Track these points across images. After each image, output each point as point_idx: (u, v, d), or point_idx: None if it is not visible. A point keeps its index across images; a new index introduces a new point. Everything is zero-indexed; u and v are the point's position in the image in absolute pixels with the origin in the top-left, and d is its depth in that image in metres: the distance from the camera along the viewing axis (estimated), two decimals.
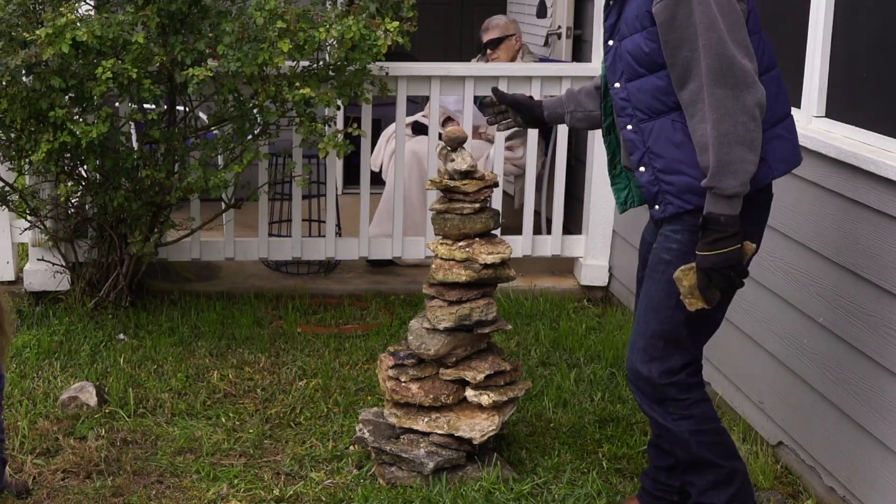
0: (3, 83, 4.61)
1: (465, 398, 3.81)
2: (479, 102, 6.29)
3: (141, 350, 4.88)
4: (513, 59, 6.40)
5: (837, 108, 3.83)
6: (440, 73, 5.55)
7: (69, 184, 4.94)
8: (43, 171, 4.96)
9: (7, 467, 3.70)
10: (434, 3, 10.13)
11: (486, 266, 3.72)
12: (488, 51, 6.41)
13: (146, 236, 5.12)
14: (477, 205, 3.74)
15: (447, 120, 6.32)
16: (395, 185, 5.68)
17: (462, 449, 3.79)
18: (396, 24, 4.75)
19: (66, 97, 4.74)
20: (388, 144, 6.27)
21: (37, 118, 4.73)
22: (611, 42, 3.19)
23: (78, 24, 4.49)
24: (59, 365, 4.69)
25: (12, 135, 4.87)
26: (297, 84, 4.76)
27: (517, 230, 5.80)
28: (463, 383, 3.81)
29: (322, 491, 3.76)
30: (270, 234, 5.80)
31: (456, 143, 3.74)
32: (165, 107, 5.07)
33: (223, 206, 5.32)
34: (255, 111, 4.97)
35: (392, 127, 6.07)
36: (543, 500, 3.73)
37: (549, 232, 6.03)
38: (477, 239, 3.78)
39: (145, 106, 5.01)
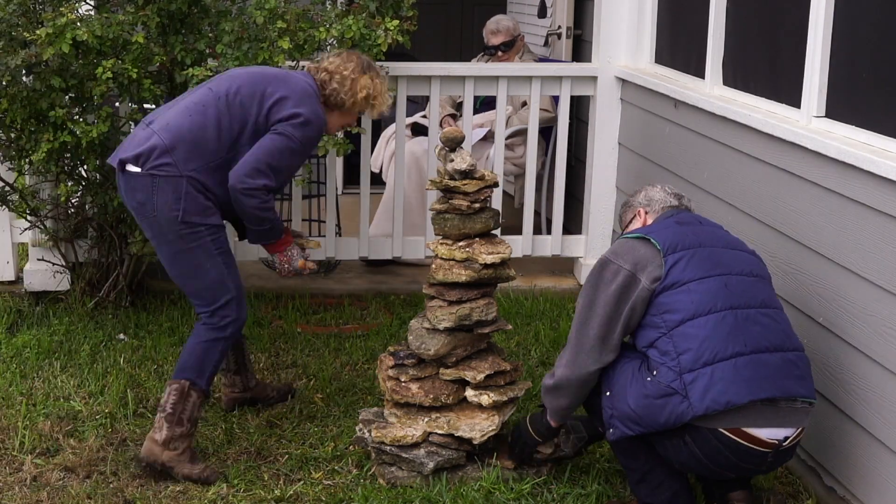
0: (4, 83, 4.61)
1: (465, 398, 3.81)
2: (481, 102, 6.34)
3: (141, 350, 4.88)
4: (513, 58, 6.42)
5: (837, 108, 3.83)
6: (440, 73, 5.55)
7: (69, 184, 4.94)
8: (43, 171, 4.96)
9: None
10: (434, 3, 10.12)
11: (486, 266, 3.72)
12: (499, 53, 6.40)
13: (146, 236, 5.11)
14: (477, 205, 3.74)
15: (446, 117, 6.32)
16: (395, 186, 5.68)
17: (462, 449, 3.79)
18: (396, 22, 4.75)
19: (67, 97, 4.74)
20: (388, 145, 6.27)
21: (37, 118, 4.73)
22: None
23: (78, 23, 4.49)
24: (59, 365, 4.69)
25: (12, 135, 4.87)
26: None
27: (517, 230, 5.80)
28: (463, 383, 3.81)
29: (322, 491, 3.76)
30: None
31: (454, 144, 3.74)
32: None
33: None
34: None
35: (392, 128, 6.07)
36: (543, 500, 3.73)
37: (549, 232, 6.03)
38: (477, 239, 3.78)
39: (145, 106, 5.01)
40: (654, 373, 3.33)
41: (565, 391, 3.57)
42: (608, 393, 3.46)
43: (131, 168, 3.82)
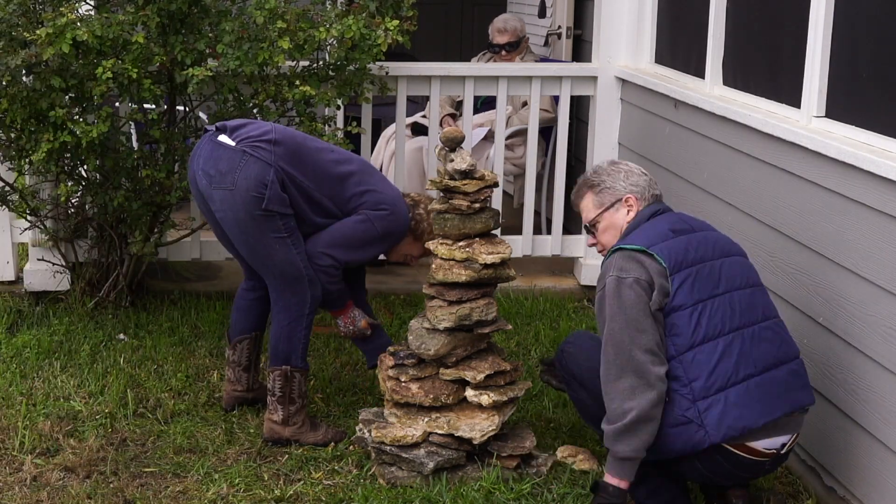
0: (4, 83, 4.61)
1: (465, 398, 3.81)
2: (482, 101, 6.34)
3: (141, 350, 4.88)
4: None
5: (837, 108, 3.83)
6: (440, 73, 5.55)
7: (69, 184, 4.94)
8: (43, 171, 4.96)
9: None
10: (434, 3, 10.13)
11: (486, 266, 3.72)
12: (503, 52, 6.40)
13: (146, 236, 5.12)
14: (477, 205, 3.74)
15: (446, 117, 6.33)
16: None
17: (462, 449, 3.79)
18: (396, 22, 4.75)
19: (67, 97, 4.74)
20: (388, 145, 6.27)
21: (37, 118, 4.73)
22: None
23: (78, 23, 4.49)
24: (59, 365, 4.69)
25: (12, 135, 4.87)
26: (297, 83, 4.77)
27: (517, 230, 5.80)
28: (463, 383, 3.81)
29: (322, 491, 3.76)
30: None
31: (454, 144, 3.74)
32: (165, 107, 5.07)
33: None
34: (255, 111, 4.97)
35: (392, 128, 6.07)
36: (543, 500, 3.73)
37: (549, 232, 6.03)
38: (477, 239, 3.78)
39: (145, 106, 5.01)
40: (667, 400, 3.29)
41: (645, 423, 3.26)
42: None
43: (224, 139, 3.90)
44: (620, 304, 3.33)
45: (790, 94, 4.08)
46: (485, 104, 6.37)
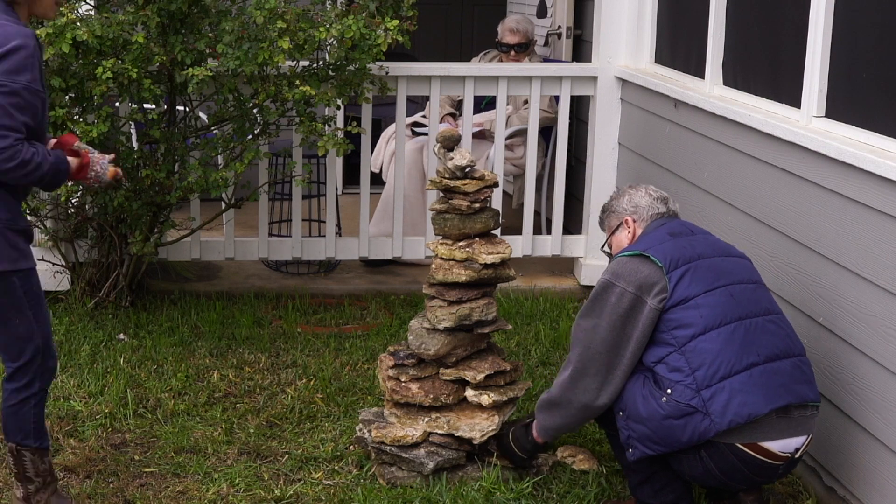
0: None
1: (465, 398, 3.81)
2: (486, 102, 6.33)
3: (141, 350, 4.88)
4: None
5: (837, 108, 3.84)
6: (440, 73, 5.55)
7: (69, 183, 4.94)
8: None
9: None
10: (434, 3, 10.13)
11: (486, 266, 3.72)
12: (512, 52, 6.38)
13: (146, 236, 5.12)
14: (477, 205, 3.74)
15: (446, 117, 6.33)
16: (395, 186, 5.68)
17: (462, 449, 3.79)
18: (396, 22, 4.75)
19: (67, 97, 4.74)
20: (389, 145, 6.27)
21: None
22: None
23: (78, 23, 4.49)
24: (60, 365, 4.69)
25: None
26: (297, 83, 4.77)
27: (517, 230, 5.80)
28: (463, 383, 3.81)
29: (322, 491, 3.76)
30: (270, 234, 5.80)
31: (452, 143, 3.74)
32: (165, 107, 5.08)
33: (223, 205, 5.32)
34: (255, 111, 4.97)
35: (392, 127, 6.07)
36: (543, 500, 3.73)
37: (549, 232, 6.03)
38: (477, 239, 3.78)
39: (145, 106, 5.01)
40: (669, 391, 3.29)
41: (562, 410, 3.54)
42: (621, 413, 3.42)
43: None
44: (600, 306, 3.42)
45: (790, 94, 4.08)
46: (489, 105, 6.37)
